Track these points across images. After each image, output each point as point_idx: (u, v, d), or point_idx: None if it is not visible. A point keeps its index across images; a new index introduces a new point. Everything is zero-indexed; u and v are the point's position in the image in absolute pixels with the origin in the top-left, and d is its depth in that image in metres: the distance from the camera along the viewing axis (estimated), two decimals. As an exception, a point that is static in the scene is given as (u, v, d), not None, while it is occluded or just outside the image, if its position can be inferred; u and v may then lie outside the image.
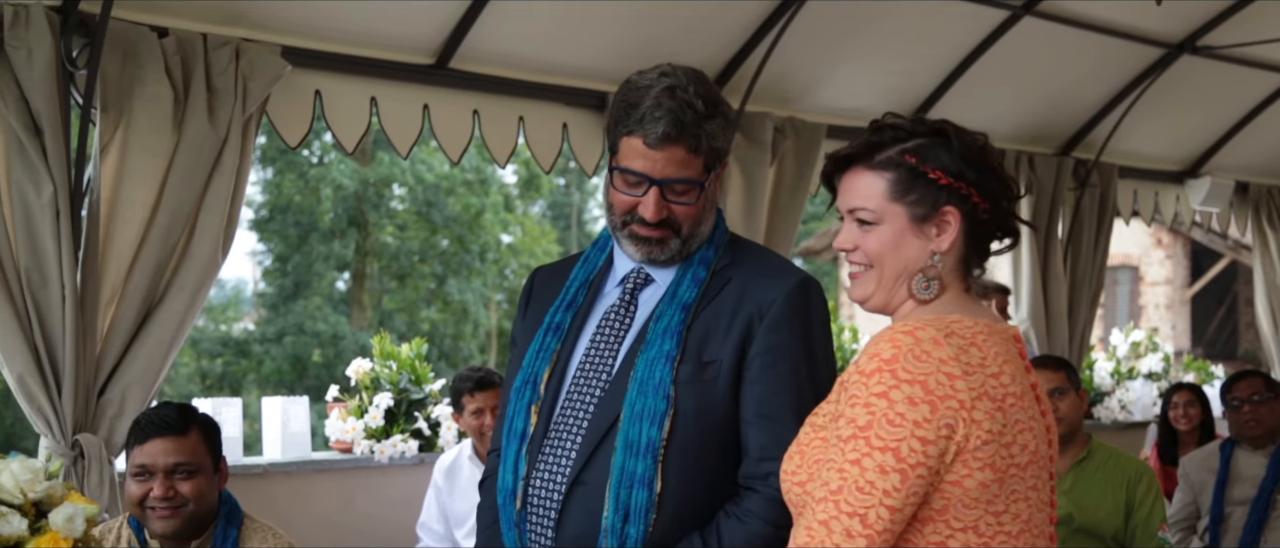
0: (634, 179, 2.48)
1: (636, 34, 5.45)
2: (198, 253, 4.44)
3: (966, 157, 2.11)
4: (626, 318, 2.56)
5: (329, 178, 19.23)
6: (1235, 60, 7.13)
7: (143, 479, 3.34)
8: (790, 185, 6.08)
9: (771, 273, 2.54)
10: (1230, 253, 17.03)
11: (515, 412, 2.56)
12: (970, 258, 2.15)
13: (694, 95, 2.44)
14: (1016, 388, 2.06)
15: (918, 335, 2.01)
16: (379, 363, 5.67)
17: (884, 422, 1.96)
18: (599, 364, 2.53)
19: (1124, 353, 8.39)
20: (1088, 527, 4.36)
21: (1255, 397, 4.95)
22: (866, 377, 1.99)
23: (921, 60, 6.34)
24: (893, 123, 2.15)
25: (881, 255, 2.14)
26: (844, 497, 1.95)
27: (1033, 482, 2.07)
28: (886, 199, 2.12)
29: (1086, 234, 7.41)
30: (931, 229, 2.12)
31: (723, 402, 2.47)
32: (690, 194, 2.48)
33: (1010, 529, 2.05)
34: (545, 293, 2.68)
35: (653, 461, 2.43)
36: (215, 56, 4.42)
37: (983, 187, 2.11)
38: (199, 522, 3.39)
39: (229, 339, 20.00)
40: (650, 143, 2.43)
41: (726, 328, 2.48)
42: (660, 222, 2.49)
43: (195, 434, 3.40)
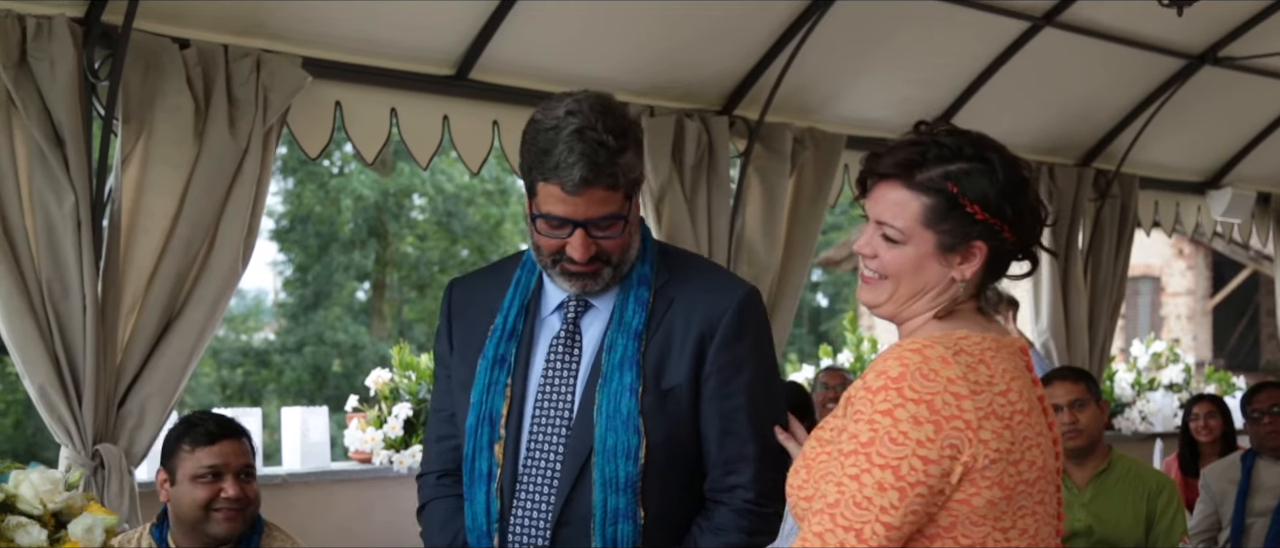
0: (557, 223, 2.44)
1: (656, 45, 5.45)
2: (218, 263, 4.46)
3: (1008, 191, 2.05)
4: (574, 348, 2.53)
5: (349, 188, 19.27)
6: (1257, 71, 7.11)
7: (211, 480, 3.38)
8: (810, 196, 6.07)
9: (714, 287, 2.54)
10: (1252, 264, 16.94)
11: (475, 451, 2.53)
12: (986, 280, 2.14)
13: (604, 132, 2.39)
14: (1024, 404, 2.04)
15: (926, 353, 2.00)
16: (398, 373, 5.68)
17: (886, 439, 1.95)
18: (557, 399, 2.51)
19: (1145, 364, 8.35)
20: (1108, 539, 4.34)
21: (1275, 408, 4.93)
22: (872, 393, 1.98)
23: (941, 71, 6.33)
24: (939, 139, 2.08)
25: (900, 273, 2.11)
26: (840, 511, 1.95)
27: (1040, 497, 2.07)
28: (918, 222, 2.07)
29: (1107, 245, 7.38)
30: (956, 258, 2.08)
31: (689, 424, 2.49)
32: (615, 227, 2.46)
33: (1017, 544, 2.04)
34: (469, 311, 2.63)
35: (633, 494, 2.45)
36: (236, 67, 4.44)
37: (1017, 223, 2.07)
38: (247, 525, 3.45)
39: (249, 349, 20.05)
40: (568, 190, 2.39)
41: (680, 350, 2.48)
42: (591, 258, 2.47)
43: (246, 440, 3.51)
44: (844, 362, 7.31)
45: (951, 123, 2.14)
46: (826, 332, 23.58)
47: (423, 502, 2.69)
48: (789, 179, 6.00)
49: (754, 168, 5.91)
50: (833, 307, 25.85)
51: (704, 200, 5.67)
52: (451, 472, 2.65)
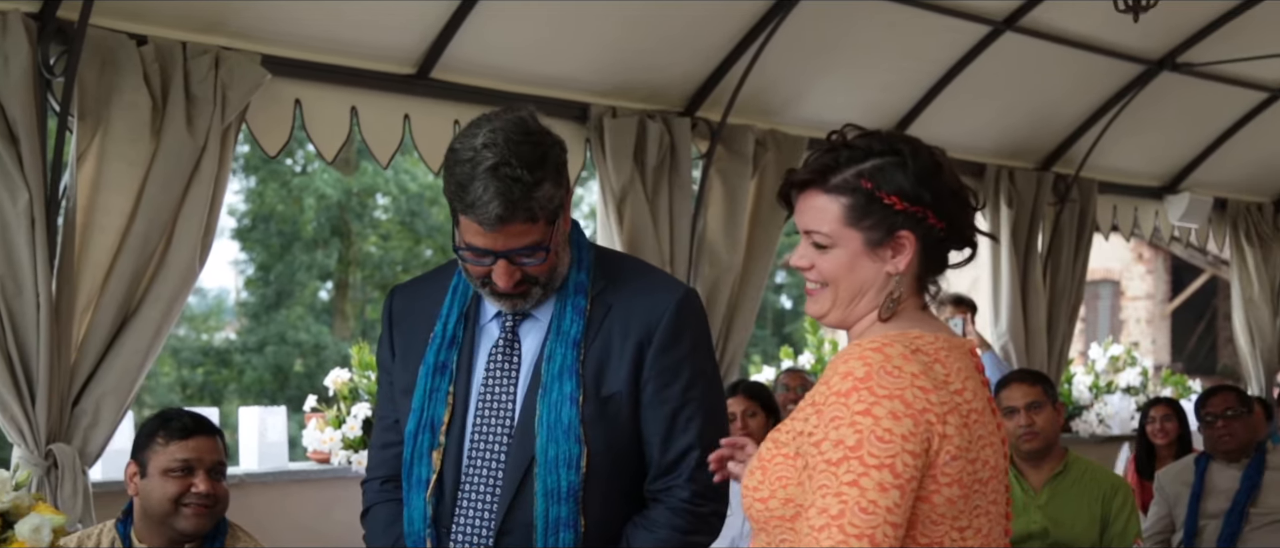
0: (479, 253, 2.44)
1: (618, 46, 5.45)
2: (175, 262, 4.42)
3: (922, 177, 2.09)
4: (513, 357, 2.54)
5: (312, 187, 19.18)
6: (1214, 77, 7.18)
7: (182, 475, 3.36)
8: (772, 198, 6.08)
9: (651, 290, 2.54)
10: (1210, 268, 17.10)
11: (415, 457, 2.53)
12: (925, 274, 2.15)
13: (518, 167, 2.36)
14: (978, 403, 2.07)
15: (887, 352, 2.01)
16: (357, 373, 5.65)
17: (873, 439, 1.95)
18: (497, 407, 2.52)
19: (1103, 367, 8.42)
20: (1063, 541, 4.37)
21: (1229, 412, 4.97)
22: (844, 396, 1.98)
23: (903, 74, 6.36)
24: (848, 142, 2.13)
25: (836, 277, 2.13)
26: (848, 520, 1.93)
27: (993, 497, 2.09)
28: (841, 224, 2.10)
29: (1066, 249, 7.44)
30: (887, 252, 2.10)
31: (629, 430, 2.51)
32: (538, 255, 2.46)
33: (972, 543, 2.06)
34: (410, 318, 2.63)
35: (574, 503, 2.46)
36: (194, 65, 4.41)
37: (938, 207, 2.09)
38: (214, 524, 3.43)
39: (210, 348, 19.91)
40: (486, 227, 2.39)
41: (618, 356, 2.50)
42: (517, 282, 2.47)
43: (220, 439, 3.49)
44: (805, 363, 7.33)
45: (859, 126, 2.17)
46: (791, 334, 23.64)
47: (366, 506, 2.70)
48: (751, 181, 6.01)
49: (716, 169, 5.92)
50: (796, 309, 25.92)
51: (666, 202, 5.68)
52: (394, 477, 2.65)
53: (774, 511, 2.07)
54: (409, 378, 2.58)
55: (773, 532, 2.09)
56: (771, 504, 2.07)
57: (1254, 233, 8.64)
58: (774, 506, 2.07)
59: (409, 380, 2.58)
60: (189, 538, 3.40)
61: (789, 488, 2.05)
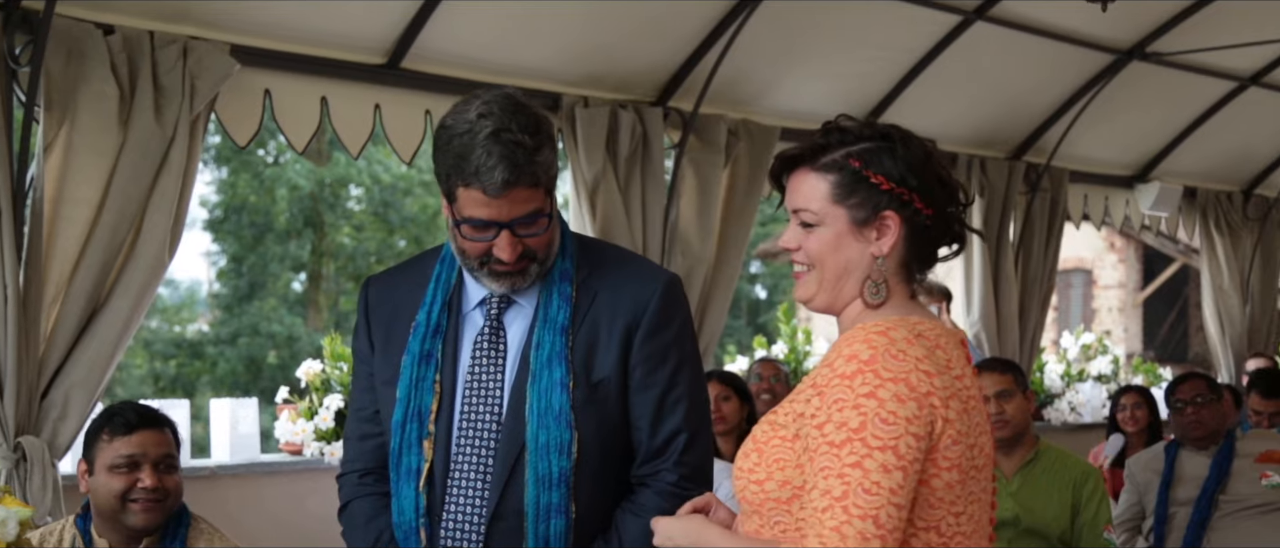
0: (481, 226, 2.44)
1: (590, 36, 5.45)
2: (144, 253, 4.40)
3: (911, 163, 2.12)
4: (499, 344, 2.53)
5: (284, 178, 19.10)
6: (1183, 67, 7.22)
7: (127, 471, 3.34)
8: (744, 188, 6.09)
9: (636, 277, 2.56)
10: (1181, 257, 17.21)
11: (404, 446, 2.52)
12: (912, 263, 2.16)
13: (519, 132, 2.39)
14: (974, 391, 2.10)
15: (891, 335, 2.03)
16: (330, 364, 5.63)
17: (877, 421, 1.96)
18: (485, 395, 2.52)
19: (1074, 355, 8.46)
20: (1035, 528, 4.38)
21: (1198, 399, 4.99)
22: (848, 379, 1.99)
23: (875, 64, 6.37)
24: (842, 126, 2.16)
25: (821, 257, 2.15)
26: (851, 501, 1.94)
27: (985, 484, 2.11)
28: (828, 201, 2.13)
29: (1037, 238, 7.47)
30: (872, 232, 2.13)
31: (618, 415, 2.53)
32: (539, 224, 2.46)
33: (966, 530, 2.07)
34: (387, 308, 2.62)
35: (566, 489, 2.47)
36: (162, 54, 4.38)
37: (925, 193, 2.12)
38: (167, 519, 3.40)
39: (183, 341, 19.82)
40: (491, 193, 2.39)
41: (606, 342, 2.51)
42: (518, 257, 2.47)
43: (169, 431, 3.45)
44: (778, 353, 7.34)
45: (855, 117, 2.20)
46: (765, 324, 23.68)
47: (344, 501, 2.67)
48: (723, 171, 6.02)
49: (688, 159, 5.92)
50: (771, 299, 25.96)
51: (638, 192, 5.67)
52: (373, 470, 2.63)
53: (770, 493, 2.07)
54: (391, 369, 2.56)
55: (766, 515, 2.09)
56: (768, 486, 2.07)
57: (1223, 221, 8.70)
58: (770, 488, 2.07)
59: (391, 371, 2.56)
60: (146, 533, 3.38)
61: (786, 470, 2.06)
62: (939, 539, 2.04)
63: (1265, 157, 8.70)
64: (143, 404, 3.51)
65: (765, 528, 2.10)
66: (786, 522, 2.07)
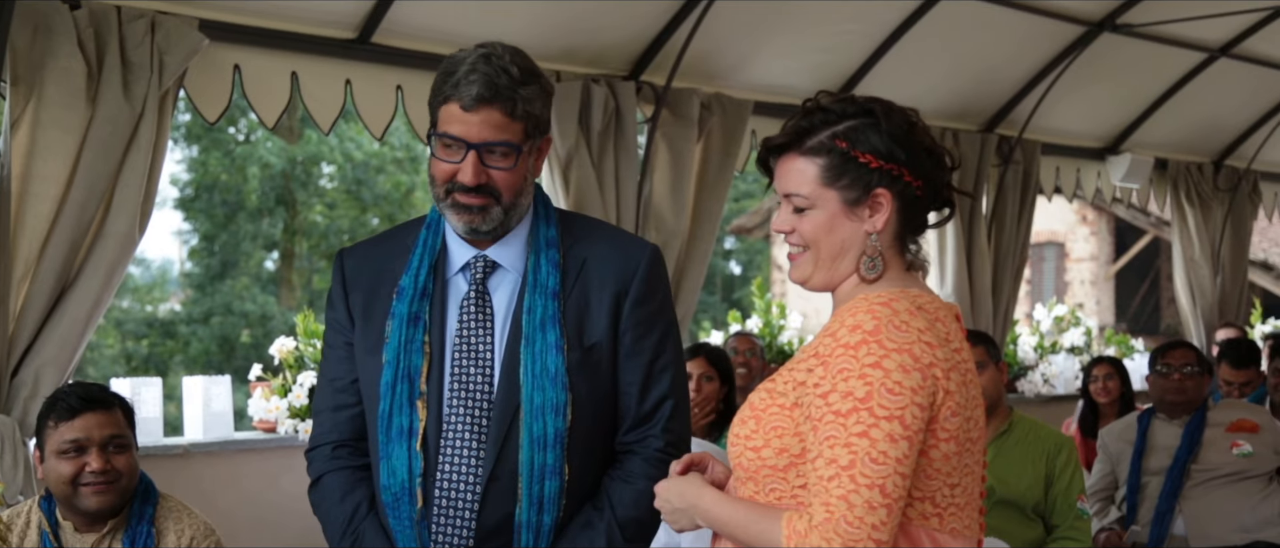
0: (451, 144, 2.48)
1: (562, 9, 5.42)
2: (113, 231, 4.36)
3: (897, 136, 2.12)
4: (485, 308, 2.55)
5: (256, 156, 19.00)
6: (1154, 38, 7.23)
7: (75, 455, 3.33)
8: (717, 162, 6.09)
9: (622, 247, 2.60)
10: (1153, 229, 17.30)
11: (394, 407, 2.52)
12: (906, 234, 2.17)
13: (510, 63, 2.47)
14: (971, 364, 2.12)
15: (894, 306, 2.04)
16: (303, 341, 5.61)
17: (884, 391, 1.97)
18: (475, 358, 2.53)
19: (1047, 328, 8.50)
20: (1009, 499, 4.41)
21: (1187, 368, 5.02)
22: (852, 349, 2.00)
23: (847, 38, 6.37)
24: (823, 105, 2.17)
25: (816, 239, 2.16)
26: (858, 470, 1.95)
27: (978, 456, 2.14)
28: (819, 184, 2.14)
29: (1010, 210, 7.49)
30: (865, 211, 2.14)
31: (608, 381, 2.56)
32: (508, 158, 2.49)
33: (960, 501, 2.09)
34: (366, 277, 2.63)
35: (561, 450, 2.49)
36: (129, 29, 4.34)
37: (914, 165, 2.13)
38: (126, 499, 3.40)
39: (155, 320, 19.72)
40: (465, 106, 2.45)
41: (597, 308, 2.54)
42: (480, 188, 2.49)
43: (119, 410, 3.44)
44: (753, 327, 7.35)
45: (834, 92, 2.22)
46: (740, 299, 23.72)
47: (316, 475, 2.66)
48: (696, 145, 6.01)
49: (661, 134, 5.91)
50: (746, 274, 26.00)
51: (611, 166, 5.66)
52: (347, 442, 2.62)
53: (767, 460, 2.08)
54: (375, 334, 2.57)
55: (762, 481, 2.10)
56: (764, 453, 2.09)
57: (1194, 193, 8.74)
58: (767, 455, 2.08)
59: (375, 337, 2.57)
60: (106, 514, 3.36)
61: (784, 438, 2.07)
62: (934, 510, 2.06)
63: (1235, 127, 8.74)
64: (88, 385, 3.49)
65: (760, 495, 2.11)
66: (782, 489, 2.08)
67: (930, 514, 2.06)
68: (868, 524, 1.94)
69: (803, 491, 2.06)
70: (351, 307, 2.62)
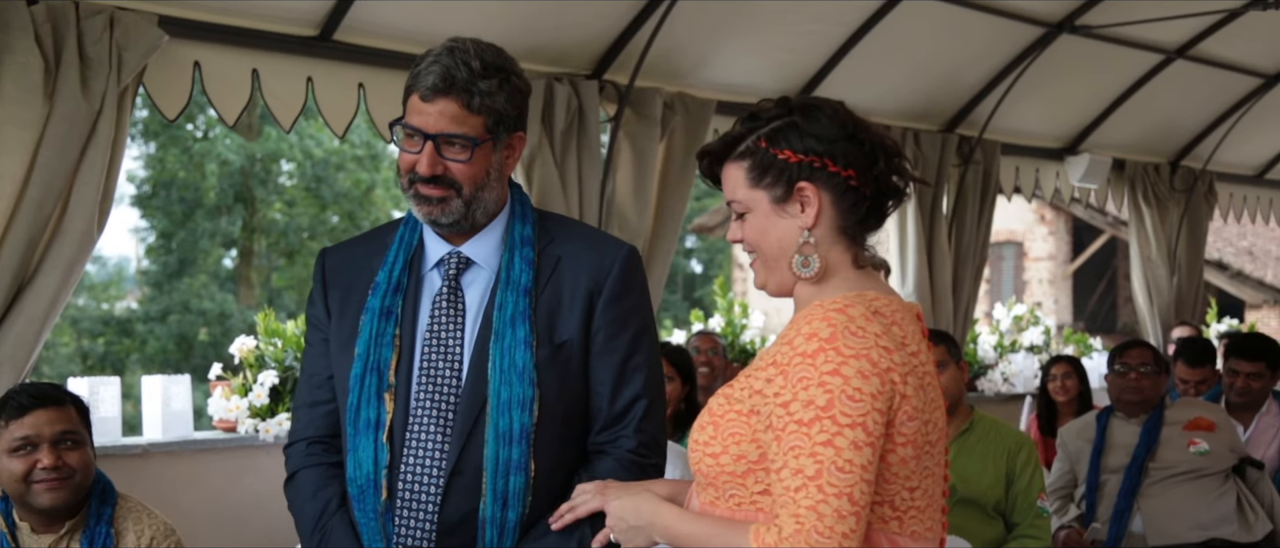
0: (412, 134, 2.49)
1: (525, 7, 5.40)
2: (71, 228, 4.32)
3: (817, 132, 2.13)
4: (457, 303, 2.56)
5: (214, 153, 18.86)
6: (1112, 40, 7.30)
7: (26, 453, 3.31)
8: (680, 161, 6.09)
9: (597, 246, 2.61)
10: (1110, 229, 17.45)
11: (362, 400, 2.52)
12: (849, 228, 2.16)
13: (473, 56, 2.47)
14: (929, 367, 2.12)
15: (849, 312, 2.04)
16: (264, 340, 5.58)
17: (845, 399, 1.97)
18: (444, 353, 2.53)
19: (1007, 327, 8.55)
20: (970, 497, 4.44)
21: (1144, 367, 5.07)
22: (810, 357, 2.00)
23: (809, 37, 6.39)
24: (753, 113, 2.19)
25: (758, 242, 2.18)
26: (825, 479, 1.95)
27: (938, 458, 2.13)
28: (748, 187, 2.17)
29: (970, 210, 7.53)
30: (794, 207, 2.14)
31: (579, 379, 2.56)
32: (465, 151, 2.49)
33: (919, 504, 2.09)
34: (346, 274, 2.64)
35: (526, 446, 2.49)
36: (88, 25, 4.29)
37: (839, 156, 2.12)
38: (79, 497, 3.36)
39: (111, 318, 19.55)
40: (424, 96, 2.46)
41: (569, 306, 2.55)
42: (438, 178, 2.50)
43: (71, 407, 3.41)
44: (715, 326, 7.36)
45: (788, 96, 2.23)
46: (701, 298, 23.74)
47: (291, 471, 2.66)
48: (659, 144, 6.01)
49: (624, 133, 5.91)
50: (707, 273, 26.04)
51: (575, 165, 5.65)
52: (323, 438, 2.63)
53: (725, 466, 2.08)
54: (348, 329, 2.58)
55: (721, 487, 2.10)
56: (723, 460, 2.08)
57: (1151, 193, 8.82)
58: (725, 462, 2.08)
59: (348, 331, 2.58)
60: (62, 513, 3.34)
61: (742, 444, 2.07)
62: (893, 513, 2.06)
63: (1191, 129, 8.83)
64: (40, 384, 3.47)
65: (720, 500, 2.11)
66: (741, 495, 2.08)
67: (889, 518, 2.06)
68: (838, 533, 1.94)
69: (762, 496, 2.06)
70: (329, 303, 2.64)
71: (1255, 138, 9.23)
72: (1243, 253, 18.20)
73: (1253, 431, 5.47)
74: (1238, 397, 5.52)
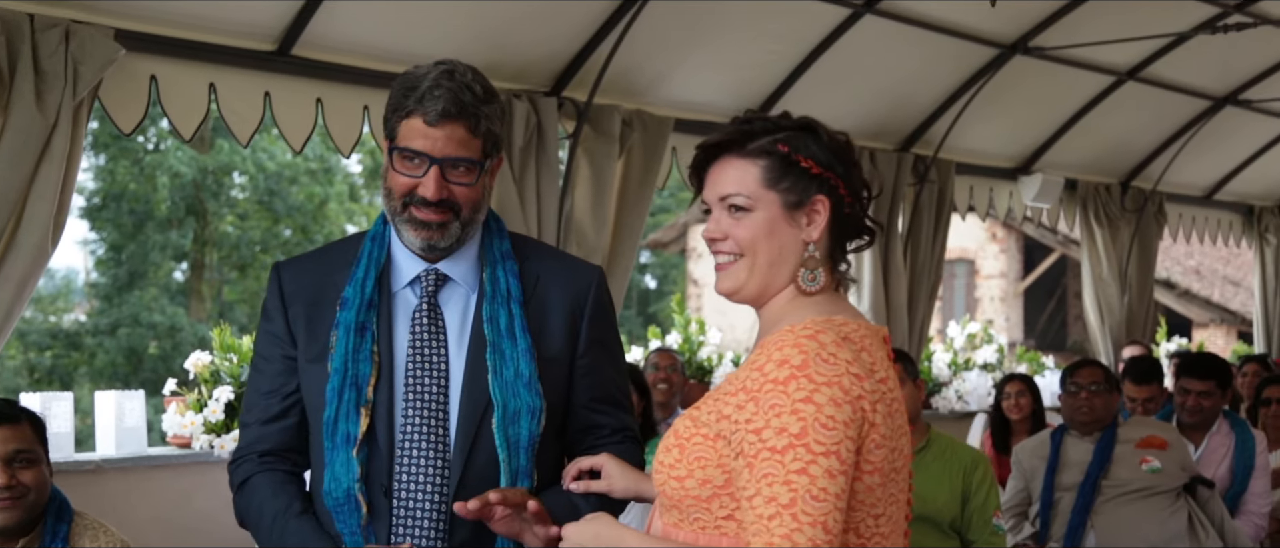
0: (413, 158, 2.49)
1: (483, 24, 5.41)
2: (25, 242, 4.27)
3: (835, 149, 2.15)
4: (438, 320, 2.56)
5: (165, 165, 18.69)
6: (1064, 61, 7.39)
7: None
8: (638, 178, 6.11)
9: (571, 267, 2.67)
10: (1060, 247, 17.63)
11: (340, 414, 2.50)
12: (836, 253, 2.18)
13: (472, 80, 2.50)
14: (897, 393, 2.11)
15: (820, 339, 2.02)
16: (219, 356, 5.53)
17: (818, 427, 1.95)
18: (429, 370, 2.52)
19: (960, 344, 8.62)
20: (926, 516, 4.46)
21: (1094, 385, 5.11)
22: (781, 384, 1.98)
23: (767, 55, 6.42)
24: (763, 115, 2.19)
25: (754, 243, 2.14)
26: (800, 508, 1.93)
27: (903, 484, 2.13)
28: (760, 185, 2.13)
29: (925, 229, 7.59)
30: (803, 218, 2.13)
31: (564, 394, 2.60)
32: (470, 174, 2.51)
33: (884, 530, 2.09)
34: (307, 290, 2.61)
35: (532, 453, 2.52)
36: (43, 38, 4.25)
37: (849, 180, 2.15)
38: (34, 515, 3.31)
39: (59, 331, 19.30)
40: (430, 121, 2.46)
41: (555, 323, 2.58)
42: (441, 202, 2.50)
43: (26, 424, 3.36)
44: (672, 343, 7.37)
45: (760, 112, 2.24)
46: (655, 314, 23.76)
47: (244, 477, 2.61)
48: (618, 161, 6.02)
49: (583, 149, 5.92)
50: (662, 289, 26.07)
51: (533, 181, 5.65)
52: (276, 452, 2.60)
53: (690, 490, 2.06)
54: (319, 346, 2.56)
55: (686, 510, 2.09)
56: (688, 484, 2.07)
57: (1102, 213, 8.93)
58: (690, 485, 2.06)
59: (319, 348, 2.55)
60: (13, 532, 3.29)
61: (707, 469, 2.05)
62: (857, 541, 2.05)
63: (1142, 149, 8.95)
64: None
65: (684, 523, 2.10)
66: (705, 519, 2.07)
67: (854, 545, 2.05)
68: None
69: (726, 521, 2.05)
70: (291, 320, 2.60)
71: (1204, 159, 9.37)
72: (1190, 272, 18.44)
73: (1203, 450, 5.53)
74: (1189, 416, 5.58)
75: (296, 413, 2.59)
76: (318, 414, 2.54)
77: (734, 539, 2.05)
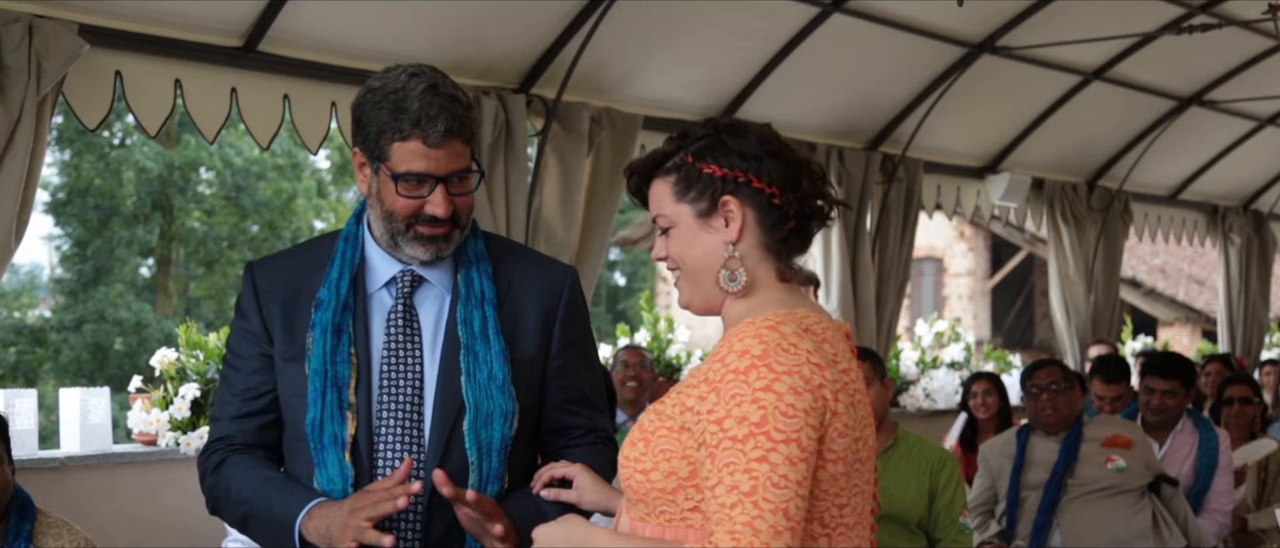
0: (417, 181, 2.47)
1: (452, 20, 5.39)
2: (-12, 239, 4.24)
3: (740, 147, 2.16)
4: (413, 322, 2.55)
5: (131, 160, 18.55)
6: (1032, 61, 7.43)
7: None
8: (607, 176, 6.10)
9: (545, 268, 2.67)
10: (1027, 246, 17.73)
11: (326, 416, 2.50)
12: (774, 245, 2.18)
13: (452, 88, 2.49)
14: (859, 384, 2.13)
15: (781, 330, 2.05)
16: (185, 353, 5.49)
17: (778, 415, 1.97)
18: (404, 370, 2.53)
19: (928, 343, 8.65)
20: (893, 513, 4.47)
21: (1053, 385, 5.15)
22: (742, 374, 2.00)
23: (736, 54, 6.43)
24: (684, 132, 2.22)
25: (682, 257, 2.20)
26: (761, 495, 1.94)
27: (868, 475, 2.14)
28: (673, 201, 2.18)
29: (893, 227, 7.61)
30: (718, 221, 2.16)
31: (537, 395, 2.61)
32: (468, 182, 2.53)
33: (848, 521, 2.10)
34: (282, 289, 2.60)
35: (504, 455, 2.53)
36: (6, 33, 4.22)
37: (763, 172, 2.15)
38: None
39: (23, 327, 19.14)
40: (432, 142, 2.44)
41: (527, 325, 2.59)
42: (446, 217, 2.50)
43: None
44: (641, 341, 7.37)
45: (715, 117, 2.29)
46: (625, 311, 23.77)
47: (218, 461, 2.59)
48: (586, 158, 6.02)
49: (552, 147, 5.91)
50: (630, 286, 26.08)
51: (502, 179, 5.64)
52: (251, 447, 2.59)
53: (655, 483, 2.08)
54: (296, 346, 2.55)
55: (651, 503, 2.10)
56: (654, 477, 2.08)
57: (1069, 212, 8.98)
58: (656, 478, 2.08)
59: (296, 348, 2.54)
60: None
61: (672, 461, 2.07)
62: (822, 530, 2.07)
63: (1108, 149, 9.00)
64: None
65: (650, 516, 2.11)
66: (671, 512, 2.09)
67: (819, 535, 2.07)
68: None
69: (692, 514, 2.07)
70: (267, 318, 2.59)
71: (1169, 159, 9.44)
72: (1155, 271, 18.58)
73: (1167, 448, 5.57)
74: (1153, 415, 5.62)
75: (272, 412, 2.59)
76: (295, 414, 2.54)
77: (700, 532, 2.06)
